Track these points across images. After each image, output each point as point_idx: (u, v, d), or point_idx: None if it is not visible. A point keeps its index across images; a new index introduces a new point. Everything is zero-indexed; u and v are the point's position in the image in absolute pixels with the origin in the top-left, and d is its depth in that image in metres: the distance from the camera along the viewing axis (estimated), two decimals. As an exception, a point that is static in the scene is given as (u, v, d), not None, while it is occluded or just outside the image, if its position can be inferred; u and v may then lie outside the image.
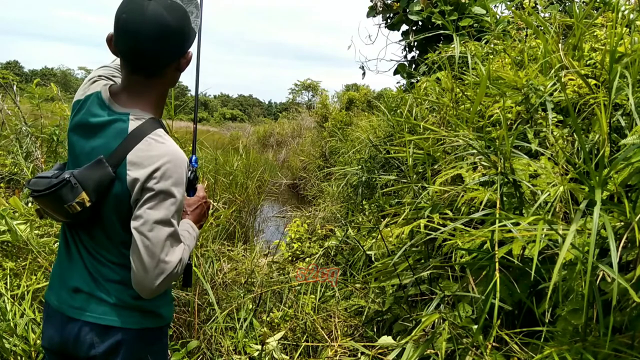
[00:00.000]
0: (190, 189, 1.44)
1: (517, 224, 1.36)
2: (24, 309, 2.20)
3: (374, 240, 2.97)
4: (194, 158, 1.46)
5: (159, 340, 1.36)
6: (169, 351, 2.26)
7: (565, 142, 1.83)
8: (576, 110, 1.95)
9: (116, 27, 1.18)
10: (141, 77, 1.24)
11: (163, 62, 1.23)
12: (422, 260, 2.19)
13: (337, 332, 2.52)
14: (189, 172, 1.38)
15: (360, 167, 4.28)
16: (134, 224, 1.16)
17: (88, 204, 1.17)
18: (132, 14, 1.15)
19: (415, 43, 4.69)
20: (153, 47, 1.17)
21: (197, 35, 1.31)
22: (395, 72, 4.94)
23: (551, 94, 1.96)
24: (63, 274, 1.30)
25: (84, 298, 1.25)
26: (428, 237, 1.98)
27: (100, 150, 1.21)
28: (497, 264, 1.37)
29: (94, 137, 1.23)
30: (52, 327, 1.30)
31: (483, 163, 1.87)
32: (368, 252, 2.95)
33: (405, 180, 2.77)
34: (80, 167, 1.20)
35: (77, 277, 1.27)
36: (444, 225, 1.79)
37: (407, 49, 4.97)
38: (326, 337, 2.51)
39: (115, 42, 1.22)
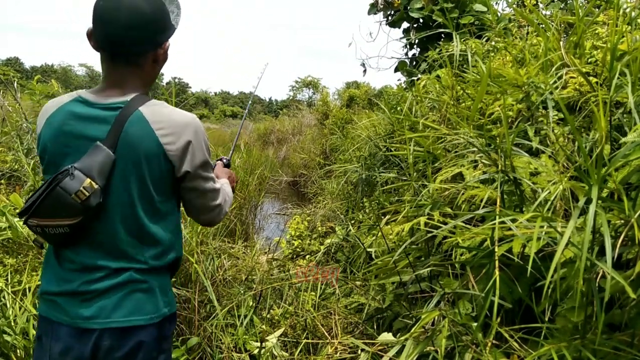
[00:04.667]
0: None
1: (516, 220, 1.36)
2: (25, 306, 2.20)
3: (374, 238, 2.97)
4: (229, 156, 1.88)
5: (170, 337, 1.36)
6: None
7: (566, 140, 1.83)
8: (578, 108, 1.95)
9: (94, 17, 1.20)
10: (120, 66, 1.25)
11: (139, 50, 1.24)
12: (423, 258, 2.19)
13: (337, 329, 2.52)
14: (225, 159, 1.80)
15: (360, 164, 4.28)
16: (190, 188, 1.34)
17: (96, 187, 1.16)
18: (108, 2, 1.18)
19: (416, 40, 4.68)
20: (127, 34, 1.19)
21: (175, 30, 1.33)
22: (396, 70, 4.95)
23: (552, 92, 1.95)
24: (62, 289, 1.24)
25: (96, 305, 1.22)
26: (428, 235, 1.98)
27: (95, 138, 1.20)
28: (497, 262, 1.37)
29: (89, 132, 1.22)
30: (61, 343, 1.22)
31: (484, 161, 1.87)
32: (368, 250, 2.95)
33: (405, 178, 2.77)
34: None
35: (83, 287, 1.23)
36: (445, 223, 1.79)
37: (408, 46, 4.96)
38: (326, 334, 2.51)
39: (93, 33, 1.23)
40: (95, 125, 1.21)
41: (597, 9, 2.64)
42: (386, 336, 1.93)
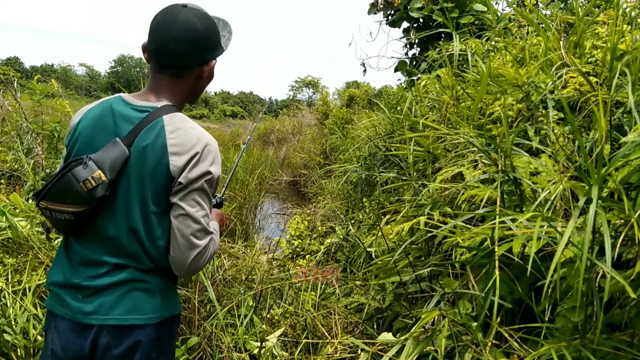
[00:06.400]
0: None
1: (516, 220, 1.36)
2: (25, 305, 2.20)
3: (374, 238, 2.97)
4: (222, 193, 1.75)
5: (171, 339, 1.36)
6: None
7: (566, 140, 1.83)
8: (578, 108, 1.95)
9: (149, 30, 1.27)
10: (166, 76, 1.31)
11: (186, 64, 1.30)
12: (423, 258, 2.19)
13: (337, 329, 2.52)
14: (218, 198, 1.65)
15: (360, 164, 4.28)
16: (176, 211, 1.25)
17: (104, 179, 1.19)
18: (165, 16, 1.26)
19: (416, 40, 4.68)
20: (176, 47, 1.25)
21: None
22: (396, 70, 4.95)
23: (552, 92, 1.95)
24: (68, 281, 1.27)
25: (96, 302, 1.24)
26: (428, 235, 1.98)
27: (117, 135, 1.25)
28: (497, 262, 1.37)
29: (115, 128, 1.26)
30: (62, 337, 1.25)
31: (484, 161, 1.87)
32: (368, 249, 2.95)
33: (405, 178, 2.77)
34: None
35: (86, 281, 1.25)
36: (445, 223, 1.79)
37: (408, 46, 4.96)
38: (326, 334, 2.51)
39: (147, 43, 1.29)
40: (123, 123, 1.26)
41: (597, 9, 2.64)
42: (386, 336, 1.93)
